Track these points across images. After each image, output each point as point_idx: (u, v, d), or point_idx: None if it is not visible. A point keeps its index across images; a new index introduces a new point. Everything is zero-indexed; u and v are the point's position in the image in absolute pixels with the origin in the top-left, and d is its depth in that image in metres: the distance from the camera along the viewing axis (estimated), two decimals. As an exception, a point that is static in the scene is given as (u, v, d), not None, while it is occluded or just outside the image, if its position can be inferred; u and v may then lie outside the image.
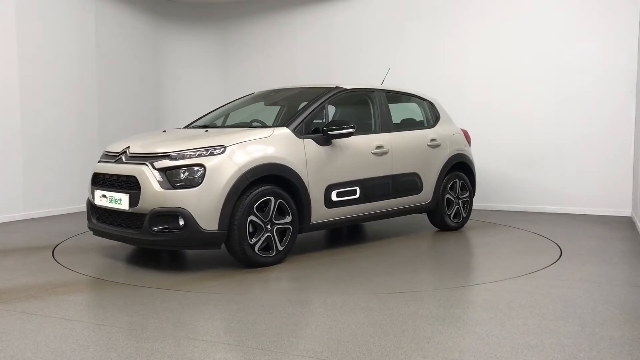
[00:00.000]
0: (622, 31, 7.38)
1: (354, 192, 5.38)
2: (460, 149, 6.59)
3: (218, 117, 5.96)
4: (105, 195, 4.82)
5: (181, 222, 4.41)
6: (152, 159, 4.57)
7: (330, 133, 5.12)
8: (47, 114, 7.85)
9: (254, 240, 4.63)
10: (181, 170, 4.46)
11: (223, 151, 4.58)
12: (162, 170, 4.48)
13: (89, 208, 5.13)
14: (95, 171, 5.04)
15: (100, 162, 5.08)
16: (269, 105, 6.12)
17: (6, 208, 7.36)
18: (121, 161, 4.80)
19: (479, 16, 8.22)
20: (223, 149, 4.59)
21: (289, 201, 4.84)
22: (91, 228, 5.11)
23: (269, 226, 4.73)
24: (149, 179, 4.47)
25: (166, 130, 5.70)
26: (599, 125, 7.56)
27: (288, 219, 4.84)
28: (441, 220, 6.43)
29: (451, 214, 6.46)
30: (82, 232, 6.41)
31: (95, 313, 3.62)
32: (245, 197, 4.58)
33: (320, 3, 9.41)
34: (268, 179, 4.78)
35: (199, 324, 3.42)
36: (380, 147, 5.64)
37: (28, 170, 7.60)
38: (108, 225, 4.85)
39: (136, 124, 9.18)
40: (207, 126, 5.64)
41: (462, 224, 6.65)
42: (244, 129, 5.08)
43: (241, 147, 4.66)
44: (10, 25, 7.34)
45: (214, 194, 4.45)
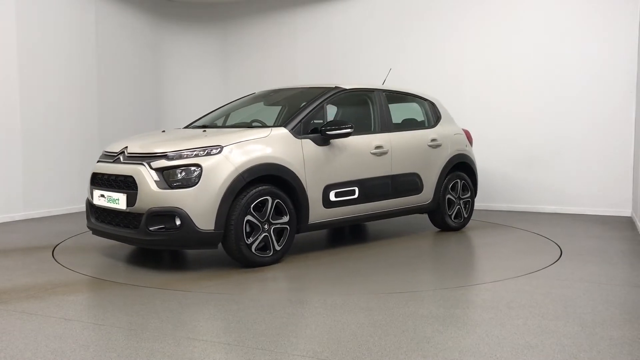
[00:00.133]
0: (622, 31, 7.38)
1: (352, 192, 5.38)
2: (462, 149, 6.57)
3: (218, 117, 5.96)
4: (103, 195, 4.83)
5: (177, 222, 4.42)
6: (149, 159, 4.59)
7: (328, 133, 5.12)
8: (47, 114, 7.85)
9: (250, 240, 4.64)
10: (178, 170, 4.47)
11: (220, 151, 4.58)
12: (159, 170, 4.49)
13: (88, 207, 5.15)
14: (94, 171, 5.06)
15: (99, 162, 5.10)
16: (269, 105, 6.12)
17: (6, 208, 7.36)
18: (119, 161, 4.82)
19: (480, 16, 8.22)
20: (220, 149, 4.60)
21: (286, 201, 4.84)
22: (90, 227, 5.13)
23: (266, 226, 4.73)
24: (146, 179, 4.48)
25: (165, 130, 5.70)
26: (599, 125, 7.56)
27: (285, 219, 4.84)
28: (442, 221, 6.42)
29: (452, 214, 6.44)
30: (82, 232, 6.42)
31: (95, 313, 3.62)
32: (242, 197, 4.58)
33: (320, 3, 9.41)
34: (265, 179, 4.78)
35: (199, 324, 3.42)
36: (379, 147, 5.63)
37: (28, 170, 7.60)
38: (106, 224, 4.87)
39: (136, 124, 9.18)
40: (206, 126, 5.64)
41: (464, 224, 6.62)
42: (242, 129, 5.08)
43: (238, 147, 4.67)
44: (10, 25, 7.34)
45: (211, 194, 4.45)
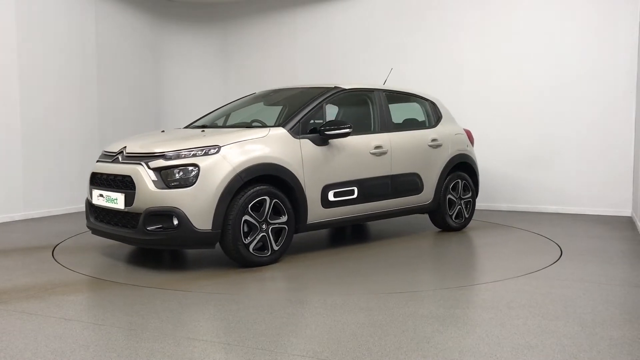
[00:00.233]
0: (622, 31, 7.38)
1: (351, 192, 5.37)
2: (463, 149, 6.55)
3: (219, 117, 5.97)
4: (102, 195, 4.85)
5: (175, 222, 4.42)
6: (147, 158, 4.60)
7: (327, 133, 5.12)
8: (47, 114, 7.85)
9: (248, 239, 4.64)
10: (175, 170, 4.48)
11: (217, 151, 4.59)
12: (157, 170, 4.50)
13: (88, 207, 5.17)
14: (93, 171, 5.08)
15: (99, 162, 5.12)
16: (270, 105, 6.12)
17: (6, 208, 7.36)
18: (118, 161, 4.83)
19: (480, 16, 8.22)
20: (217, 149, 4.60)
21: (284, 201, 4.83)
22: (89, 227, 5.14)
23: (264, 226, 4.73)
24: (144, 179, 4.49)
25: (165, 131, 5.70)
26: (599, 125, 7.56)
27: (284, 218, 4.84)
28: (443, 221, 6.40)
29: (453, 214, 6.42)
30: (82, 232, 6.42)
31: (95, 313, 3.62)
32: (240, 197, 4.59)
33: (320, 3, 9.41)
34: (264, 179, 4.78)
35: (199, 324, 3.42)
36: (379, 147, 5.63)
37: (28, 170, 7.60)
38: (105, 224, 4.89)
39: (136, 124, 9.18)
40: (206, 126, 5.65)
41: (465, 224, 6.59)
42: (240, 129, 5.08)
43: (236, 147, 4.67)
44: (10, 25, 7.34)
45: (208, 193, 4.46)
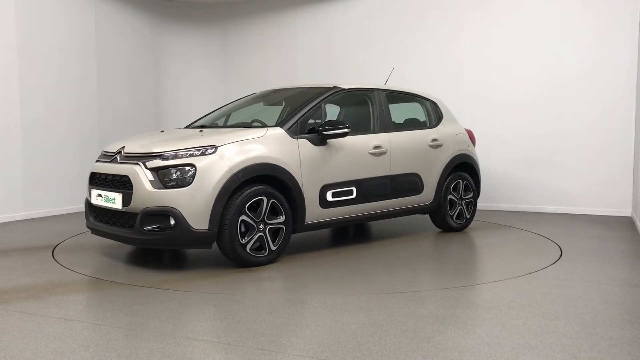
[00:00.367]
0: (622, 31, 7.37)
1: (350, 193, 5.36)
2: (464, 149, 6.51)
3: (219, 117, 5.97)
4: (101, 195, 4.87)
5: (172, 222, 4.43)
6: (145, 158, 4.61)
7: (325, 133, 5.11)
8: (47, 114, 7.85)
9: (245, 239, 4.64)
10: (172, 170, 4.49)
11: (214, 151, 4.60)
12: (154, 170, 4.51)
13: (87, 207, 5.19)
14: (92, 170, 5.09)
15: (98, 162, 5.14)
16: (270, 105, 6.11)
17: (6, 208, 7.36)
18: (116, 161, 4.85)
19: (480, 16, 8.22)
20: (214, 149, 4.61)
21: (282, 201, 4.83)
22: (89, 227, 5.16)
23: (261, 226, 4.73)
24: (141, 179, 4.50)
25: (164, 130, 5.70)
26: (599, 126, 7.56)
27: (281, 218, 4.84)
28: (443, 221, 6.37)
29: (454, 214, 6.39)
30: (82, 232, 6.42)
31: (95, 313, 3.62)
32: (237, 197, 4.59)
33: (321, 3, 9.41)
34: (261, 179, 4.78)
35: (199, 324, 3.42)
36: (378, 147, 5.61)
37: (28, 170, 7.60)
38: (104, 224, 4.91)
39: (136, 124, 9.18)
40: (205, 126, 5.65)
41: (466, 225, 6.55)
42: (238, 129, 5.08)
43: (233, 147, 4.68)
44: (10, 25, 7.34)
45: (204, 193, 4.46)
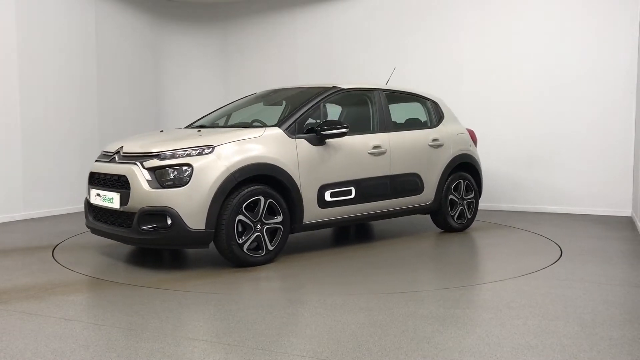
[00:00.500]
0: (622, 31, 7.37)
1: (349, 193, 5.36)
2: (465, 149, 6.48)
3: (220, 117, 5.97)
4: (99, 194, 4.88)
5: (169, 221, 4.44)
6: (142, 158, 4.62)
7: (323, 133, 5.11)
8: (47, 114, 7.85)
9: (242, 239, 4.64)
10: (169, 169, 4.50)
11: (211, 151, 4.60)
12: (152, 170, 4.53)
13: (86, 206, 5.21)
14: (92, 170, 5.12)
15: (97, 162, 5.16)
16: (270, 105, 6.11)
17: (6, 208, 7.36)
18: (114, 161, 4.87)
19: (480, 16, 8.21)
20: (211, 149, 4.62)
21: (279, 201, 4.83)
22: (88, 226, 5.18)
23: (258, 226, 4.73)
24: (138, 179, 4.52)
25: (163, 131, 5.71)
26: (599, 126, 7.55)
27: (279, 218, 4.84)
28: (444, 221, 6.34)
29: (455, 215, 6.35)
30: (82, 232, 6.42)
31: (95, 313, 3.62)
32: (234, 197, 4.59)
33: (320, 3, 9.41)
34: (259, 179, 4.78)
35: (199, 324, 3.42)
36: (377, 147, 5.60)
37: (28, 170, 7.60)
38: (102, 223, 4.92)
39: (136, 124, 9.18)
40: (204, 126, 5.66)
41: (467, 225, 6.50)
42: (235, 129, 5.08)
43: (230, 147, 4.68)
44: (10, 25, 7.34)
45: (201, 193, 4.47)
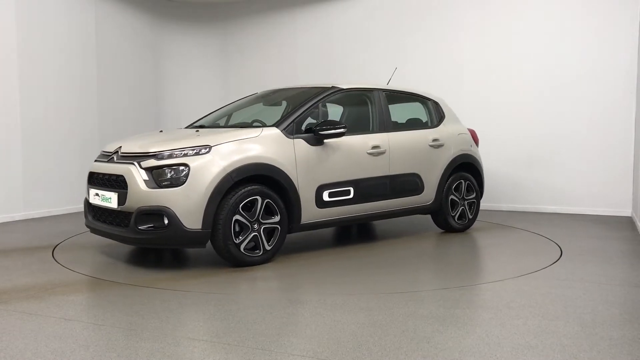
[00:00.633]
0: (622, 31, 7.37)
1: (347, 193, 5.35)
2: (466, 149, 6.45)
3: (220, 117, 5.98)
4: (98, 194, 4.90)
5: (165, 221, 4.45)
6: (140, 158, 4.64)
7: (321, 133, 5.11)
8: (47, 114, 7.85)
9: (239, 239, 4.64)
10: (166, 169, 4.51)
11: (208, 151, 4.62)
12: (149, 170, 4.54)
13: (86, 206, 5.23)
14: (91, 170, 5.13)
15: (96, 162, 5.18)
16: (271, 105, 6.11)
17: (6, 208, 7.36)
18: (113, 161, 4.89)
19: (480, 16, 8.21)
20: (208, 148, 4.63)
21: (277, 201, 4.83)
22: (87, 225, 5.20)
23: (255, 226, 4.73)
24: (136, 178, 4.53)
25: (163, 131, 5.72)
26: (599, 126, 7.55)
27: (276, 218, 4.84)
28: (445, 222, 6.32)
29: (455, 215, 6.33)
30: (82, 232, 6.42)
31: (95, 313, 3.62)
32: (230, 197, 4.60)
33: (320, 3, 9.40)
34: (256, 179, 4.79)
35: (199, 324, 3.42)
36: (376, 147, 5.59)
37: (28, 170, 7.60)
38: (101, 223, 4.95)
39: (136, 124, 9.18)
40: (204, 126, 5.66)
41: (468, 225, 6.47)
42: (233, 129, 5.09)
43: (227, 147, 4.69)
44: (10, 25, 7.34)
45: (198, 193, 4.48)
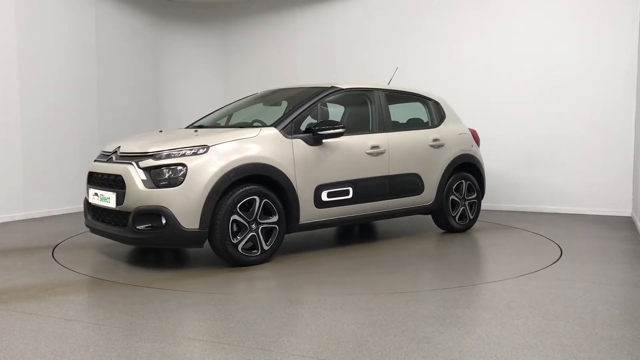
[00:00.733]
0: (622, 31, 7.37)
1: (346, 193, 5.35)
2: (467, 149, 6.43)
3: (220, 117, 5.98)
4: (97, 194, 4.92)
5: (163, 221, 4.46)
6: (138, 158, 4.65)
7: (319, 133, 5.10)
8: (47, 114, 7.85)
9: (237, 239, 4.65)
10: (164, 169, 4.52)
11: (206, 151, 4.62)
12: (147, 170, 4.55)
13: (85, 206, 5.24)
14: (90, 170, 5.14)
15: (95, 162, 5.19)
16: (271, 105, 6.11)
17: (6, 208, 7.36)
18: (112, 160, 4.90)
19: (480, 16, 8.21)
20: (206, 148, 4.63)
21: (275, 201, 4.83)
22: (87, 225, 5.21)
23: (253, 225, 4.73)
24: (134, 178, 4.54)
25: (162, 131, 5.72)
26: (599, 126, 7.55)
27: (274, 218, 4.84)
28: (445, 222, 6.29)
29: (456, 215, 6.31)
30: (82, 232, 6.42)
31: (95, 313, 3.62)
32: (228, 197, 4.60)
33: (320, 3, 9.40)
34: (254, 179, 4.79)
35: (199, 324, 3.42)
36: (376, 147, 5.58)
37: (28, 170, 7.60)
38: (100, 222, 4.96)
39: (136, 124, 9.18)
40: (203, 126, 5.66)
41: (469, 226, 6.44)
42: (232, 129, 5.09)
43: (225, 147, 4.70)
44: (10, 25, 7.34)
45: (195, 193, 4.49)
